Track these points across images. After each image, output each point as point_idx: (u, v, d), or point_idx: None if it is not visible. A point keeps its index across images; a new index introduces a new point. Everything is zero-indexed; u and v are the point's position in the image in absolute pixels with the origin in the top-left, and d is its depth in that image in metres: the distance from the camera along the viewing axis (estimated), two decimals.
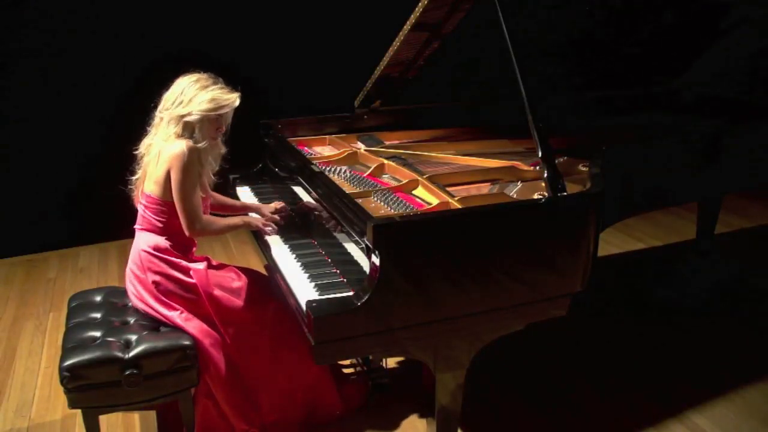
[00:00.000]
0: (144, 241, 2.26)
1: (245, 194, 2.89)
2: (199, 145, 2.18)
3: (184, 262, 2.24)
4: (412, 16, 2.44)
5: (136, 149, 2.30)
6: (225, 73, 2.30)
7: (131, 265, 2.29)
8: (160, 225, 2.24)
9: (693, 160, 2.79)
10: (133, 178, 2.32)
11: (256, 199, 2.80)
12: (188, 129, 2.18)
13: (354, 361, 2.76)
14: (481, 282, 1.88)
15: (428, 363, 1.95)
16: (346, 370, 2.75)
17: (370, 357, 2.68)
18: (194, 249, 2.35)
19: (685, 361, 2.92)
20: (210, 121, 2.19)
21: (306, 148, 2.94)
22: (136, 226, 2.31)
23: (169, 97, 2.21)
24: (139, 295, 2.26)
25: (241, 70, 4.08)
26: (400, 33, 2.54)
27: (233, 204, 2.62)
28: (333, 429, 2.45)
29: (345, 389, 2.54)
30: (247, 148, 3.05)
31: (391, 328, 1.82)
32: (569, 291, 2.02)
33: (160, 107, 2.23)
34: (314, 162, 2.58)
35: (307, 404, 2.42)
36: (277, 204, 2.55)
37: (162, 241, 2.24)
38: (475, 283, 1.88)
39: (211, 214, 2.36)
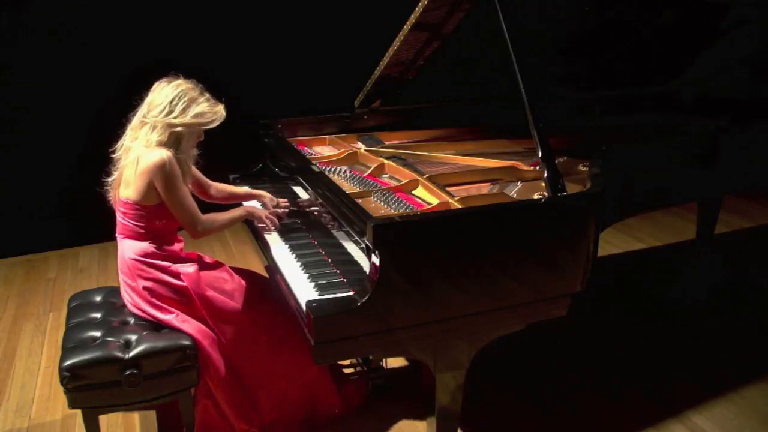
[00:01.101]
0: (129, 248, 2.22)
1: None
2: (181, 155, 2.18)
3: (173, 266, 2.22)
4: (412, 16, 2.44)
5: (113, 150, 2.26)
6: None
7: (121, 274, 2.27)
8: (141, 230, 2.21)
9: (693, 160, 2.79)
10: (109, 179, 2.27)
11: None
12: (173, 138, 2.16)
13: (354, 361, 2.76)
14: (481, 282, 1.88)
15: (428, 363, 1.95)
16: (346, 370, 2.75)
17: (370, 357, 2.68)
18: (180, 246, 2.31)
19: (685, 360, 2.92)
20: (198, 133, 2.23)
21: (306, 148, 2.94)
22: (117, 235, 2.27)
23: (155, 104, 2.16)
24: (134, 302, 2.25)
25: (241, 70, 4.12)
26: (400, 33, 2.55)
27: (238, 192, 2.64)
28: (333, 429, 2.45)
29: (345, 389, 2.54)
30: (247, 148, 3.06)
31: (391, 328, 1.82)
32: (569, 291, 2.02)
33: (143, 112, 2.19)
34: (314, 162, 2.58)
35: (307, 404, 2.42)
36: (282, 201, 2.57)
37: (147, 246, 2.21)
38: (475, 283, 1.88)
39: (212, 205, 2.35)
